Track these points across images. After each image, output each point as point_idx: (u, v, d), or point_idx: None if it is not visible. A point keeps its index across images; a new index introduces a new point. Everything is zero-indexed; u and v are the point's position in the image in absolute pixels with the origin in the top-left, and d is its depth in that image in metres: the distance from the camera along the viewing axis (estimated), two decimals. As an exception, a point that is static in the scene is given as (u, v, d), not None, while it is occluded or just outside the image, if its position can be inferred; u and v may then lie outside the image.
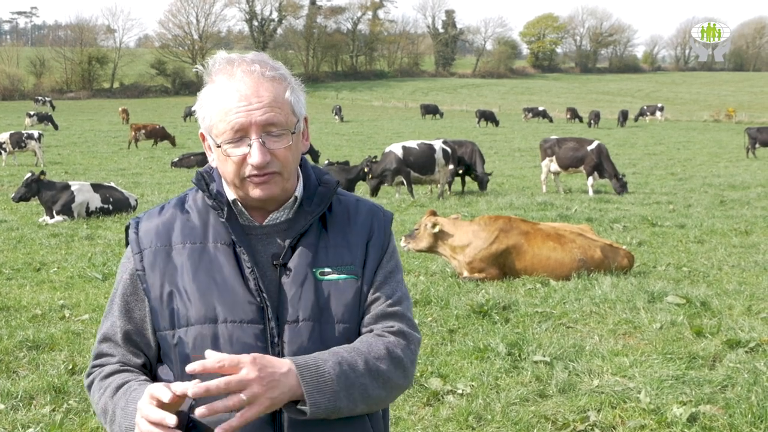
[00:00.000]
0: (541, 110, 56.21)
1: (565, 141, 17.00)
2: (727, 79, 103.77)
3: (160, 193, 15.60)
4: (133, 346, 1.91)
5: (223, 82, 1.81)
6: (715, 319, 6.54)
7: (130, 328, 1.90)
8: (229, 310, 1.82)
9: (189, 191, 2.02)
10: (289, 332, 1.82)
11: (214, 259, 1.86)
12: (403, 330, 1.90)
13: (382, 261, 1.96)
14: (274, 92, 1.80)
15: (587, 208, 13.69)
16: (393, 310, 1.92)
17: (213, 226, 1.91)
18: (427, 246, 8.26)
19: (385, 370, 1.82)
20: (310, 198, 1.94)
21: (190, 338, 1.82)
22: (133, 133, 30.39)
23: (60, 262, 8.97)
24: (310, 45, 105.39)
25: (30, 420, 4.53)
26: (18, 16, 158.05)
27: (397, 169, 15.04)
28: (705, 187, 17.72)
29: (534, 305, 7.03)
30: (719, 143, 35.44)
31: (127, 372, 1.88)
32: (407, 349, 1.89)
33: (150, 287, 1.87)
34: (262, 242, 1.89)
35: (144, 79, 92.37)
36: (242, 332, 1.81)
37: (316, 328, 1.83)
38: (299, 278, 1.85)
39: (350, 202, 2.02)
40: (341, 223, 1.96)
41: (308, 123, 1.97)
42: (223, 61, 1.83)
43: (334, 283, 1.87)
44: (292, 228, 1.90)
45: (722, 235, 11.09)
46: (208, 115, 1.83)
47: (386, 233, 2.00)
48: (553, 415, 4.63)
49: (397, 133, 38.02)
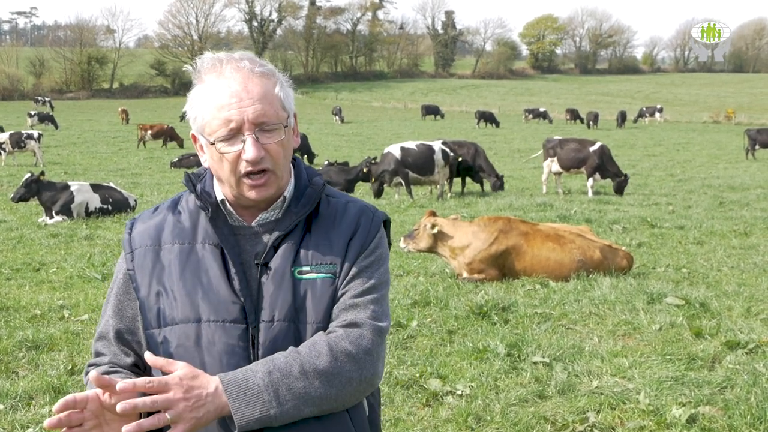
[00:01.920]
0: (542, 111, 56.22)
1: (568, 142, 17.00)
2: (727, 80, 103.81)
3: (159, 194, 15.60)
4: (124, 344, 1.93)
5: (212, 81, 1.82)
6: (714, 320, 6.54)
7: (122, 326, 1.93)
8: (213, 309, 1.83)
9: (184, 192, 2.03)
10: (263, 332, 1.82)
11: (202, 260, 1.87)
12: (355, 321, 1.83)
13: (359, 257, 1.90)
14: (264, 87, 1.82)
15: (586, 209, 13.69)
16: (353, 302, 1.85)
17: (202, 226, 1.92)
18: (426, 246, 8.26)
19: (326, 368, 1.76)
20: (298, 198, 1.94)
21: (174, 337, 1.84)
22: (141, 133, 30.47)
23: (59, 263, 8.97)
24: (310, 46, 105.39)
25: (29, 420, 4.53)
26: (17, 17, 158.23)
27: (394, 170, 15.04)
28: (704, 188, 17.73)
29: (533, 306, 7.03)
30: (718, 144, 35.46)
31: (115, 373, 1.88)
32: (360, 338, 1.81)
33: (139, 286, 1.90)
34: (250, 242, 1.90)
35: (143, 80, 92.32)
36: (224, 332, 1.82)
37: (291, 329, 1.83)
38: (278, 277, 1.85)
39: (340, 203, 1.99)
40: (327, 224, 1.94)
41: (297, 119, 1.97)
42: (211, 61, 1.84)
43: (311, 282, 1.86)
44: (277, 228, 1.90)
45: (721, 236, 11.09)
46: (200, 115, 1.84)
47: (371, 232, 1.94)
48: (552, 416, 4.63)
49: (397, 134, 38.02)
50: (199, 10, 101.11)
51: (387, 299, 1.96)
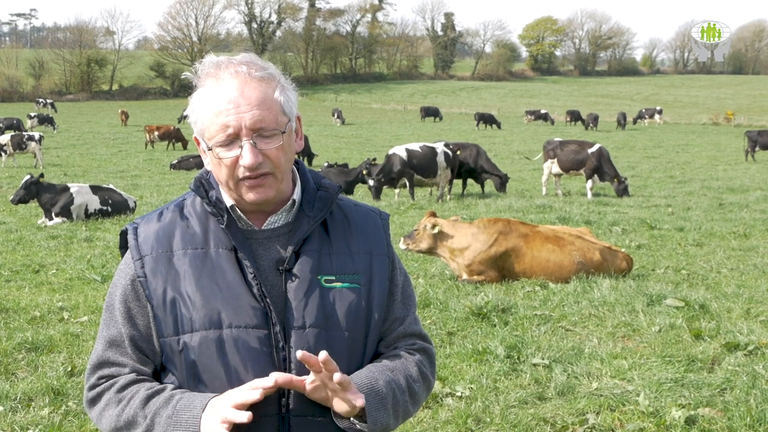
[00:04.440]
0: (543, 113, 56.31)
1: (568, 144, 17.03)
2: (726, 82, 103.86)
3: (159, 195, 15.60)
4: (141, 353, 1.88)
5: (211, 86, 1.81)
6: (713, 322, 6.54)
7: (135, 334, 1.88)
8: (234, 314, 1.81)
9: (187, 195, 2.01)
10: (296, 338, 1.82)
11: (217, 265, 1.85)
12: (425, 347, 2.03)
13: (394, 276, 2.01)
14: (263, 93, 1.80)
15: (586, 211, 13.69)
16: (414, 330, 2.03)
17: (213, 231, 1.90)
18: (426, 247, 8.26)
19: (417, 391, 1.95)
20: (310, 203, 1.93)
21: (195, 343, 1.81)
22: (148, 135, 30.51)
23: (59, 264, 8.97)
24: (309, 47, 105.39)
25: (29, 422, 4.53)
26: (17, 18, 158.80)
27: (400, 171, 15.04)
28: (704, 190, 17.74)
29: (533, 308, 7.03)
30: (718, 146, 35.48)
31: (147, 381, 1.86)
32: (431, 366, 2.04)
33: (152, 293, 1.85)
34: (262, 246, 1.89)
35: (143, 81, 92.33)
36: (247, 337, 1.81)
37: (323, 335, 1.84)
38: (305, 285, 1.85)
39: (349, 207, 2.02)
40: (343, 228, 1.96)
41: (301, 122, 1.96)
42: (210, 65, 1.83)
43: (338, 290, 1.88)
44: (294, 233, 1.89)
45: (721, 238, 11.10)
46: (200, 119, 1.83)
47: (386, 239, 2.02)
48: (551, 417, 4.63)
49: (396, 136, 38.03)
50: (198, 12, 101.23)
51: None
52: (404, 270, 2.08)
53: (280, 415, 1.80)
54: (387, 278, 1.97)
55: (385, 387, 1.83)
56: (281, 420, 1.81)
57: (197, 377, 1.82)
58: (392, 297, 1.99)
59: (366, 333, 1.91)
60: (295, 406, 1.81)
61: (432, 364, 2.04)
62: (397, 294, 2.01)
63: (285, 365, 1.81)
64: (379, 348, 1.97)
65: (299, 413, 1.81)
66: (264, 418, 1.78)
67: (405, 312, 2.02)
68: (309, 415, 1.82)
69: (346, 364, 1.82)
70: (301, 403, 1.81)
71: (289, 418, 1.81)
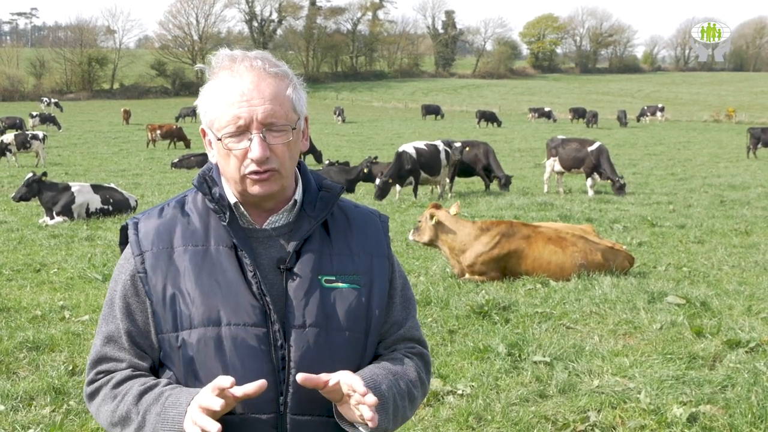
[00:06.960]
0: (547, 111, 56.40)
1: (569, 142, 17.02)
2: (727, 79, 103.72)
3: (160, 194, 15.60)
4: (138, 348, 1.89)
5: (225, 77, 1.82)
6: (715, 319, 6.54)
7: (133, 329, 1.88)
8: (233, 312, 1.81)
9: (188, 192, 2.01)
10: (296, 337, 1.82)
11: (217, 262, 1.86)
12: (423, 353, 2.06)
13: (393, 278, 2.01)
14: (276, 88, 1.81)
15: (587, 209, 13.68)
16: (414, 335, 2.06)
17: (214, 228, 1.90)
18: (428, 239, 8.28)
19: (416, 395, 1.97)
20: (312, 203, 1.94)
21: (194, 340, 1.82)
22: (150, 133, 30.52)
23: (60, 263, 8.97)
24: (310, 46, 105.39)
25: (30, 421, 4.53)
26: (18, 17, 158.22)
27: (411, 169, 15.01)
28: (705, 187, 17.72)
29: (534, 306, 7.03)
30: (719, 143, 35.45)
31: (143, 377, 1.86)
32: (428, 373, 2.07)
33: (152, 289, 1.85)
34: (263, 245, 1.89)
35: (144, 80, 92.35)
36: (246, 335, 1.81)
37: (323, 334, 1.84)
38: (305, 284, 1.86)
39: (349, 208, 2.03)
40: (344, 229, 1.97)
41: (308, 123, 1.97)
42: (225, 57, 1.84)
43: (339, 291, 1.88)
44: (295, 232, 1.90)
45: (722, 235, 11.09)
46: (210, 110, 1.83)
47: (386, 241, 2.04)
48: (553, 415, 4.63)
49: (398, 134, 38.02)
50: (199, 11, 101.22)
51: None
52: (403, 273, 2.09)
53: (278, 414, 1.80)
54: (387, 280, 1.98)
55: (387, 391, 1.83)
56: (279, 419, 1.81)
57: (195, 374, 1.82)
58: (392, 300, 2.00)
59: (366, 334, 1.91)
60: (293, 405, 1.81)
61: (428, 371, 2.07)
62: (396, 297, 2.01)
63: (283, 364, 1.81)
64: (378, 349, 1.98)
65: (297, 412, 1.81)
66: (261, 417, 1.79)
67: (405, 315, 2.03)
68: (306, 415, 1.82)
69: (345, 364, 1.82)
70: (299, 402, 1.81)
71: (286, 418, 1.81)
